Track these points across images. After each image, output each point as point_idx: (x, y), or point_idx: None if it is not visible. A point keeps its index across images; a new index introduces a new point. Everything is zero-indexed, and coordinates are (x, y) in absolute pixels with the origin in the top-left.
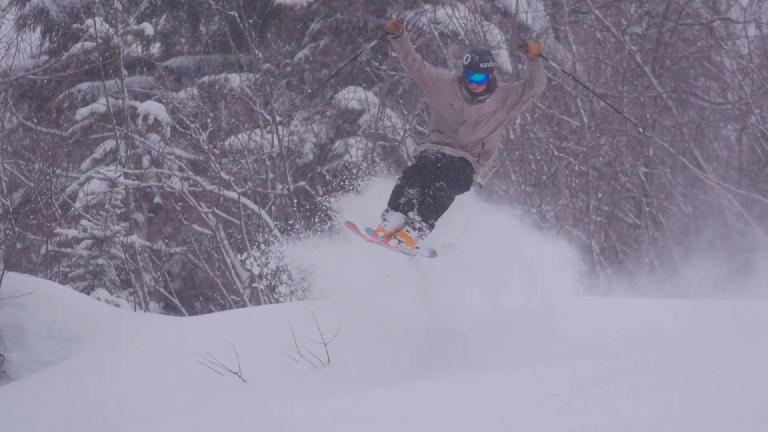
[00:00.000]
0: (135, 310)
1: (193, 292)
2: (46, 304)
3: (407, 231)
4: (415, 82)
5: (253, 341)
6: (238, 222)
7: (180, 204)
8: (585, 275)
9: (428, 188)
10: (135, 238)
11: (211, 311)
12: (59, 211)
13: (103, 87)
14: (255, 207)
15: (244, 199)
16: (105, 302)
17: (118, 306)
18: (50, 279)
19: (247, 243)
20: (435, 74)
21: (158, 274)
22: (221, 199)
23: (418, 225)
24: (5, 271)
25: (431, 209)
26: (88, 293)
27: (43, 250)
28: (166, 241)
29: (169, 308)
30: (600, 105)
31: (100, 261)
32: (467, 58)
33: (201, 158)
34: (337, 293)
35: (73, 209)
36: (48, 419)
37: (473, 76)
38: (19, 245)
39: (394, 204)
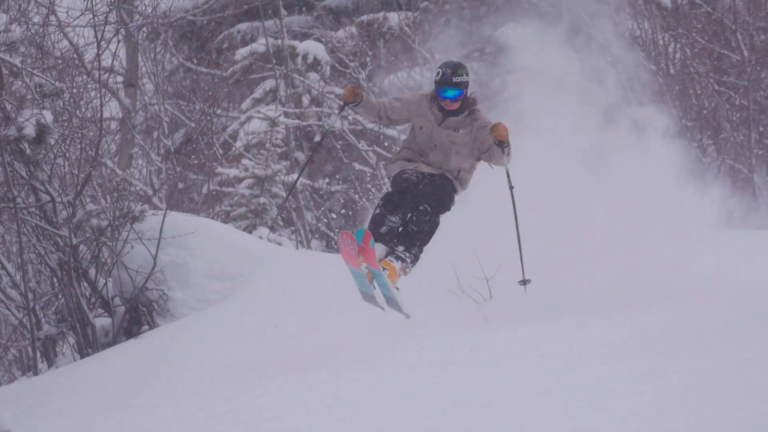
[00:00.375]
0: (297, 248)
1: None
2: (209, 243)
3: (390, 261)
4: (389, 126)
5: (415, 279)
6: None
7: (340, 142)
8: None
9: (412, 213)
10: (296, 177)
11: None
12: (220, 151)
13: (262, 27)
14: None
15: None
16: (267, 241)
17: (280, 244)
18: (212, 218)
19: None
20: (404, 103)
21: (319, 212)
22: (381, 137)
23: (401, 255)
24: (168, 211)
25: (415, 238)
26: (249, 232)
27: (204, 190)
28: (327, 179)
29: (331, 246)
30: (760, 39)
31: (262, 200)
32: (438, 72)
33: None
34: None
35: (234, 149)
36: (212, 357)
37: (446, 92)
38: (180, 185)
39: (375, 234)
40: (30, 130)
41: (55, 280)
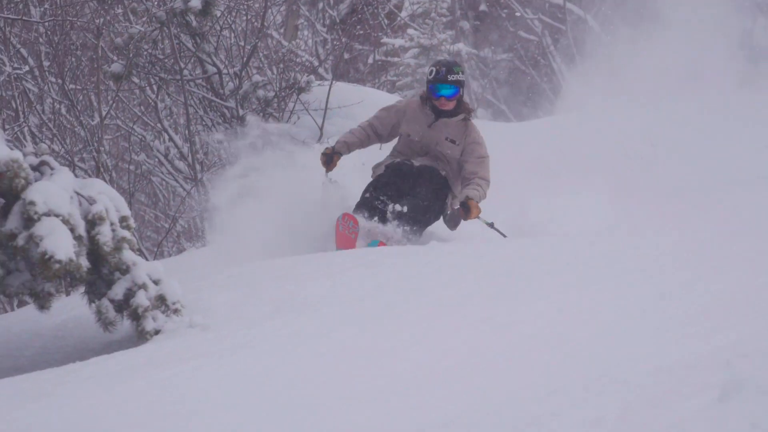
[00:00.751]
0: None
1: (519, 98)
2: (374, 113)
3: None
4: (385, 142)
5: None
6: (563, 27)
7: (505, 11)
8: None
9: (408, 197)
10: (461, 46)
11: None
12: (386, 21)
13: None
14: (581, 12)
15: (569, 5)
16: None
17: None
18: (377, 88)
19: (574, 49)
20: (390, 112)
21: (485, 80)
22: (547, 5)
23: (400, 239)
24: (334, 82)
25: (411, 221)
26: None
27: (370, 60)
28: (493, 48)
29: (497, 114)
30: None
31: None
32: (431, 71)
33: None
34: None
35: (399, 18)
36: None
37: (441, 90)
38: (346, 55)
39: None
40: (196, 2)
41: (222, 151)
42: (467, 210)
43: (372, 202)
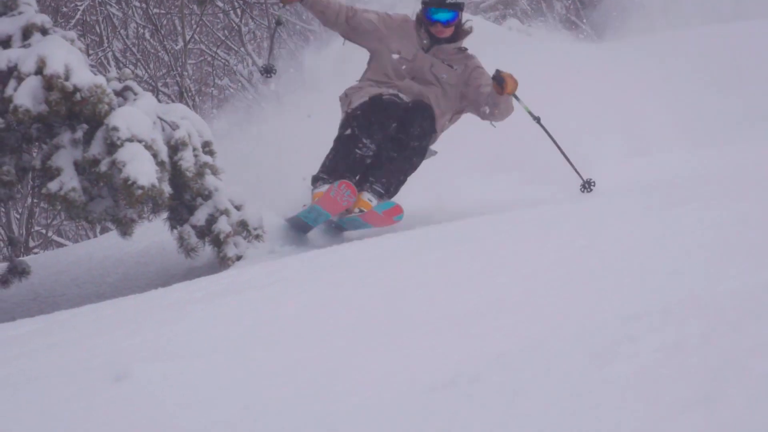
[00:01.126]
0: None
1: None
2: None
3: (368, 199)
4: (348, 38)
5: None
6: None
7: None
8: None
9: (399, 134)
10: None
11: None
12: None
13: None
14: None
15: None
16: (516, 32)
17: (529, 36)
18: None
19: None
20: (381, 18)
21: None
22: None
23: (379, 190)
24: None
25: (395, 170)
26: (499, 24)
27: None
28: None
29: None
30: None
31: None
32: None
33: None
34: None
35: None
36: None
37: (437, 13)
38: None
39: (341, 165)
40: None
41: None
42: (501, 82)
43: (353, 145)
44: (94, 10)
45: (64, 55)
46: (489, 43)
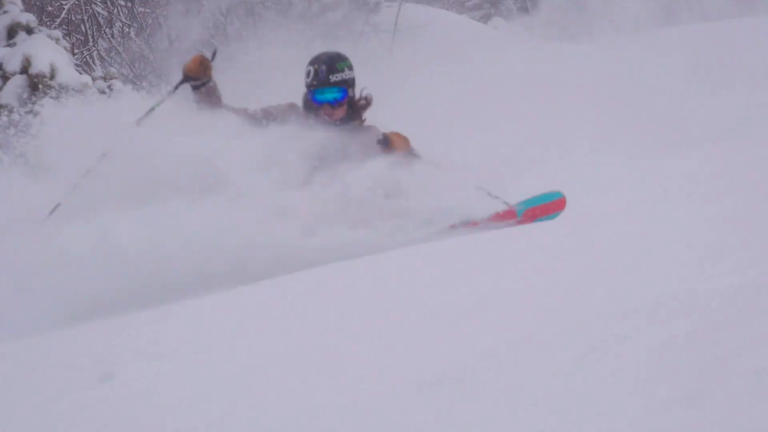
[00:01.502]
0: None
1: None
2: (442, 35)
3: None
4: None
5: None
6: None
7: None
8: None
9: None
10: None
11: None
12: None
13: None
14: None
15: None
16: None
17: (514, 34)
18: (447, 9)
19: None
20: (276, 112)
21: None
22: None
23: None
24: (402, 2)
25: None
26: (485, 23)
27: None
28: None
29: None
30: None
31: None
32: (308, 71)
33: None
34: None
35: None
36: None
37: (322, 94)
38: None
39: None
40: None
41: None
42: (387, 144)
43: None
44: (80, 9)
45: (50, 54)
46: (473, 43)
